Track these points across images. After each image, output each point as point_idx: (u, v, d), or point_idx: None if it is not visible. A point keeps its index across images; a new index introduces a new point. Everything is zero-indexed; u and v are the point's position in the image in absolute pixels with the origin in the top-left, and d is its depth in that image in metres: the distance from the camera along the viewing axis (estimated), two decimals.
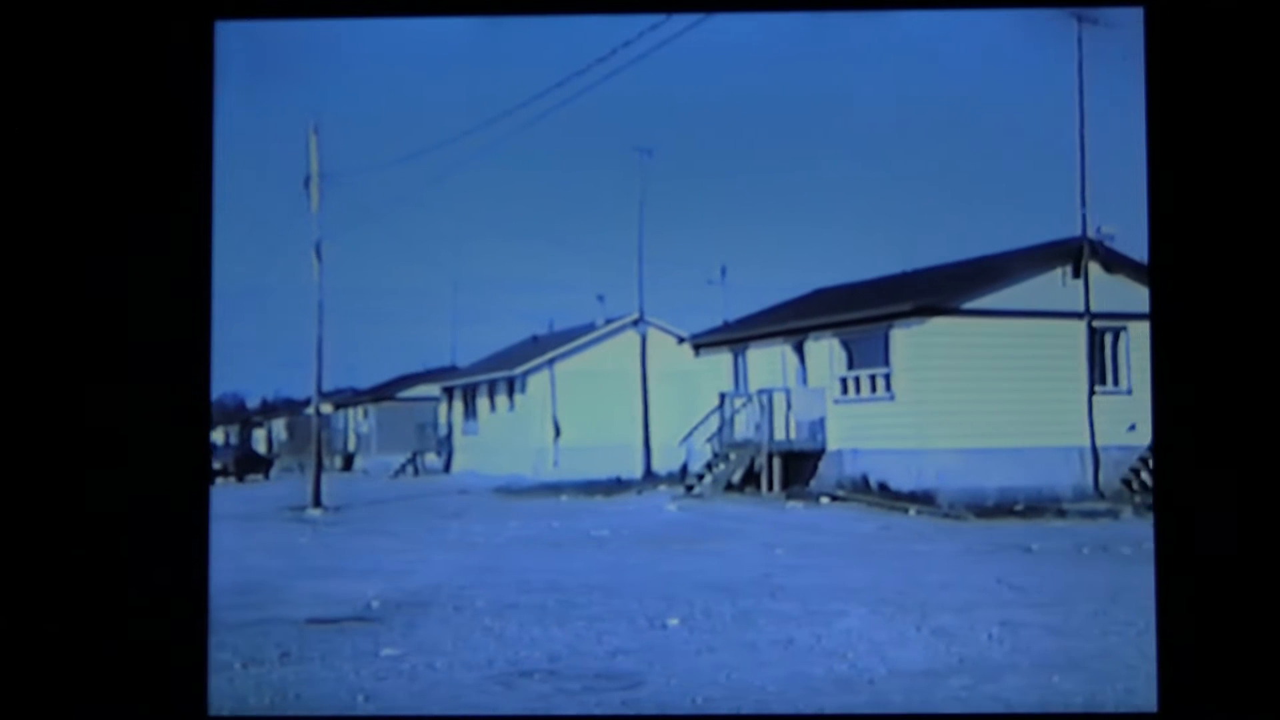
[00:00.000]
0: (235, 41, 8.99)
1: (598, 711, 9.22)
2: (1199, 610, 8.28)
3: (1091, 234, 23.32)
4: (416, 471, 32.29)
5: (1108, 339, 23.77)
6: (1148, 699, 9.15)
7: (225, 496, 19.20)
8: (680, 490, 25.09)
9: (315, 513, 22.36)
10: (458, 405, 32.59)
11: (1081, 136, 22.54)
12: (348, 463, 34.04)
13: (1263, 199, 8.41)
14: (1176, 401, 8.43)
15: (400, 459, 32.51)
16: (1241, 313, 8.39)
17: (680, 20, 16.26)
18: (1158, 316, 8.54)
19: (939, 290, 23.84)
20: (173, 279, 8.77)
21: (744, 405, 25.54)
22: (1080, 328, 23.37)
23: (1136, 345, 23.75)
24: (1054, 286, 23.47)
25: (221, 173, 8.90)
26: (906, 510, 21.32)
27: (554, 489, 26.09)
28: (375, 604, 12.87)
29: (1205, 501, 8.32)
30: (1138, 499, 22.03)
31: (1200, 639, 8.27)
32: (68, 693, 8.55)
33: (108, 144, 8.76)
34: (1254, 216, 8.41)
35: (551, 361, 29.66)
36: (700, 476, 25.24)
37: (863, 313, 24.29)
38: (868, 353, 24.30)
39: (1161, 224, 8.55)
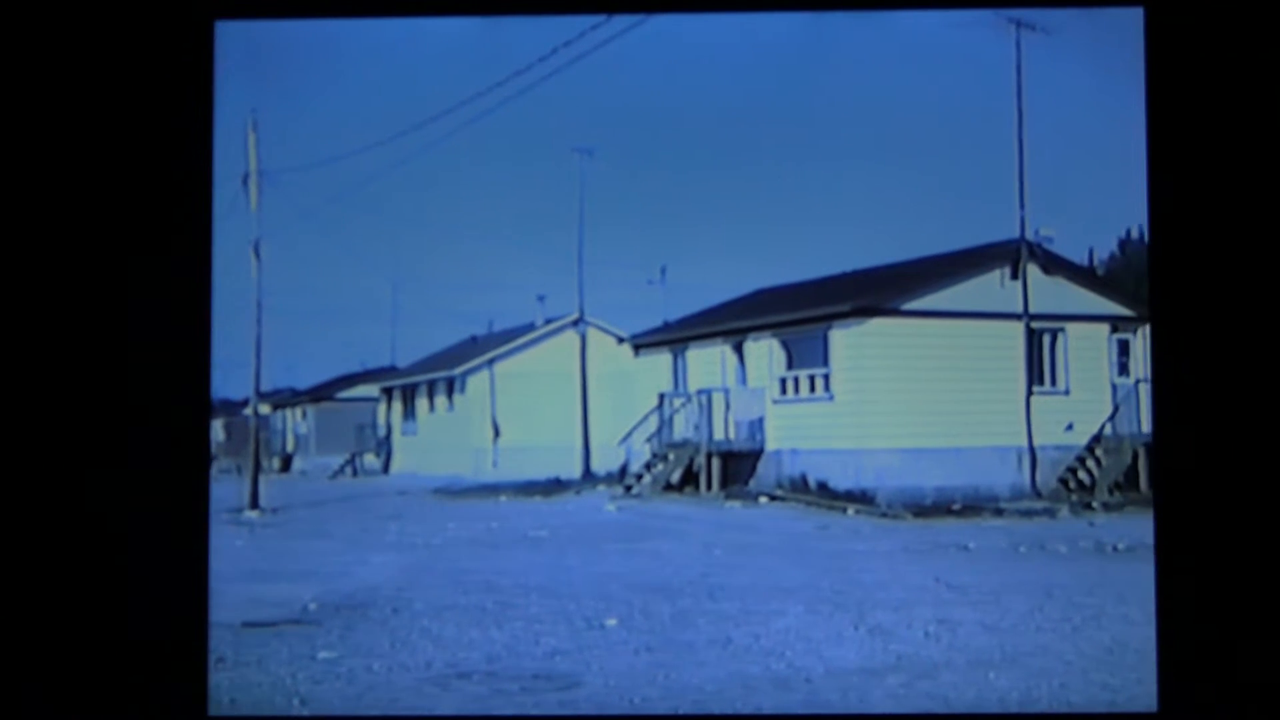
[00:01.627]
0: (235, 41, 8.95)
1: (535, 712, 9.20)
2: (1199, 610, 8.33)
3: (1030, 236, 23.50)
4: (355, 472, 32.13)
5: (1045, 340, 23.97)
6: (1084, 695, 9.24)
7: None
8: (619, 490, 25.08)
9: (253, 515, 22.16)
10: (397, 406, 32.45)
11: (1020, 139, 22.72)
12: (286, 464, 33.82)
13: (1263, 198, 8.48)
14: (1176, 400, 8.48)
15: (339, 460, 32.33)
16: (1241, 311, 8.44)
17: (621, 20, 16.23)
18: (1158, 315, 8.59)
19: (878, 291, 23.94)
20: (173, 280, 8.74)
21: (683, 405, 25.56)
22: (1018, 329, 23.54)
23: (1074, 346, 23.98)
24: (992, 288, 23.62)
25: (220, 171, 8.90)
26: (845, 510, 21.40)
27: (493, 490, 26.01)
28: (313, 607, 12.77)
29: (1205, 500, 8.37)
30: (1074, 498, 22.24)
31: (1200, 639, 8.31)
32: (68, 693, 8.50)
33: (107, 144, 8.71)
34: (1254, 215, 8.48)
35: (491, 362, 29.59)
36: (639, 477, 25.23)
37: (802, 313, 24.36)
38: (807, 353, 24.36)
39: (1161, 223, 8.60)
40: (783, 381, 24.79)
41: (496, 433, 29.12)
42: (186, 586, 8.71)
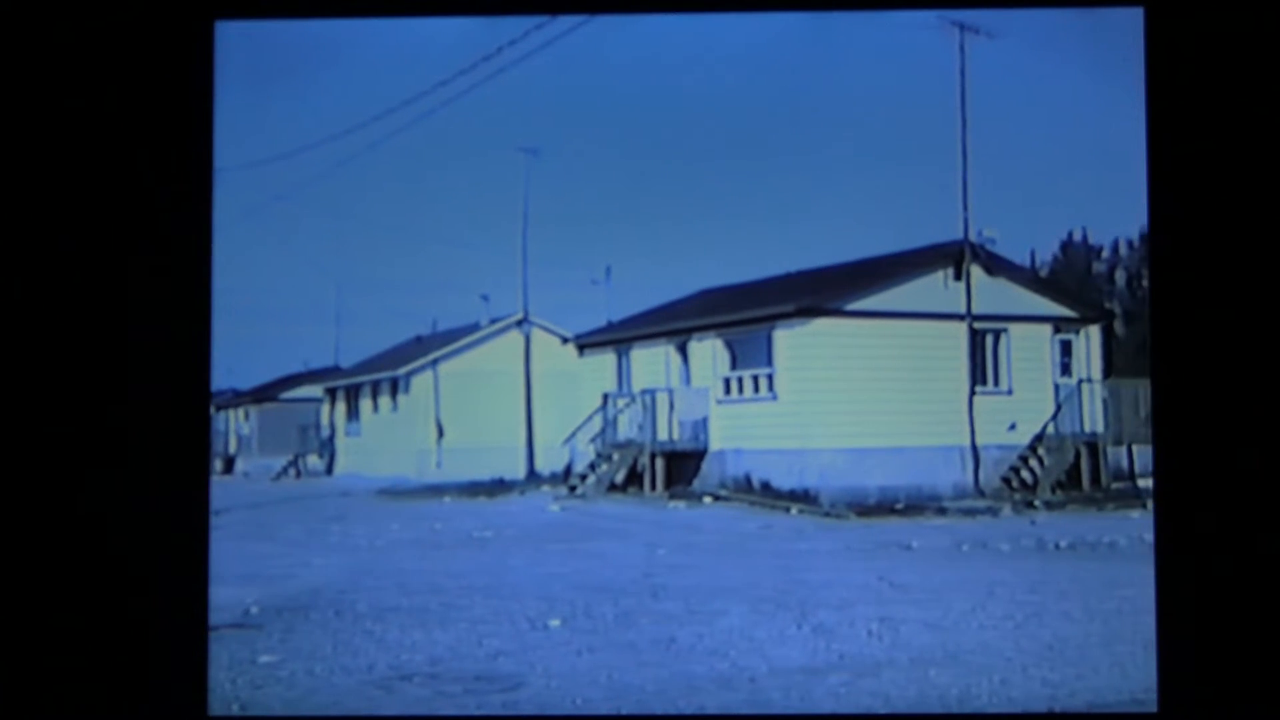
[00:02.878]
0: (235, 41, 8.90)
1: (478, 713, 9.16)
2: (1199, 610, 8.35)
3: (973, 237, 23.64)
4: (299, 474, 31.90)
5: (988, 340, 24.11)
6: (1024, 691, 9.29)
7: None
8: (563, 491, 25.05)
9: None
10: (340, 406, 32.24)
11: (964, 141, 22.85)
12: (228, 465, 33.54)
13: (1263, 198, 8.52)
14: (1176, 399, 8.50)
15: (282, 461, 32.08)
16: (1241, 311, 8.48)
17: (566, 20, 16.20)
18: (1158, 316, 8.62)
19: (822, 291, 24.01)
20: (173, 279, 8.69)
21: (627, 405, 25.55)
22: (961, 329, 23.67)
23: (1017, 347, 24.14)
24: (936, 288, 23.74)
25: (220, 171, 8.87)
26: (788, 509, 21.45)
27: (437, 490, 25.88)
28: (254, 610, 12.66)
29: (1205, 500, 8.39)
30: (1017, 497, 22.39)
31: (1200, 638, 8.34)
32: (67, 692, 8.43)
33: (107, 144, 8.64)
34: (1253, 215, 8.52)
35: (435, 362, 29.46)
36: (583, 477, 25.21)
37: (746, 313, 24.39)
38: (751, 353, 24.41)
39: (1161, 224, 8.63)
40: (726, 382, 24.82)
41: (440, 433, 29.00)
42: (186, 586, 8.68)
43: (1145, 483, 21.18)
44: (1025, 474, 23.35)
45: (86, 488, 8.53)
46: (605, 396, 25.94)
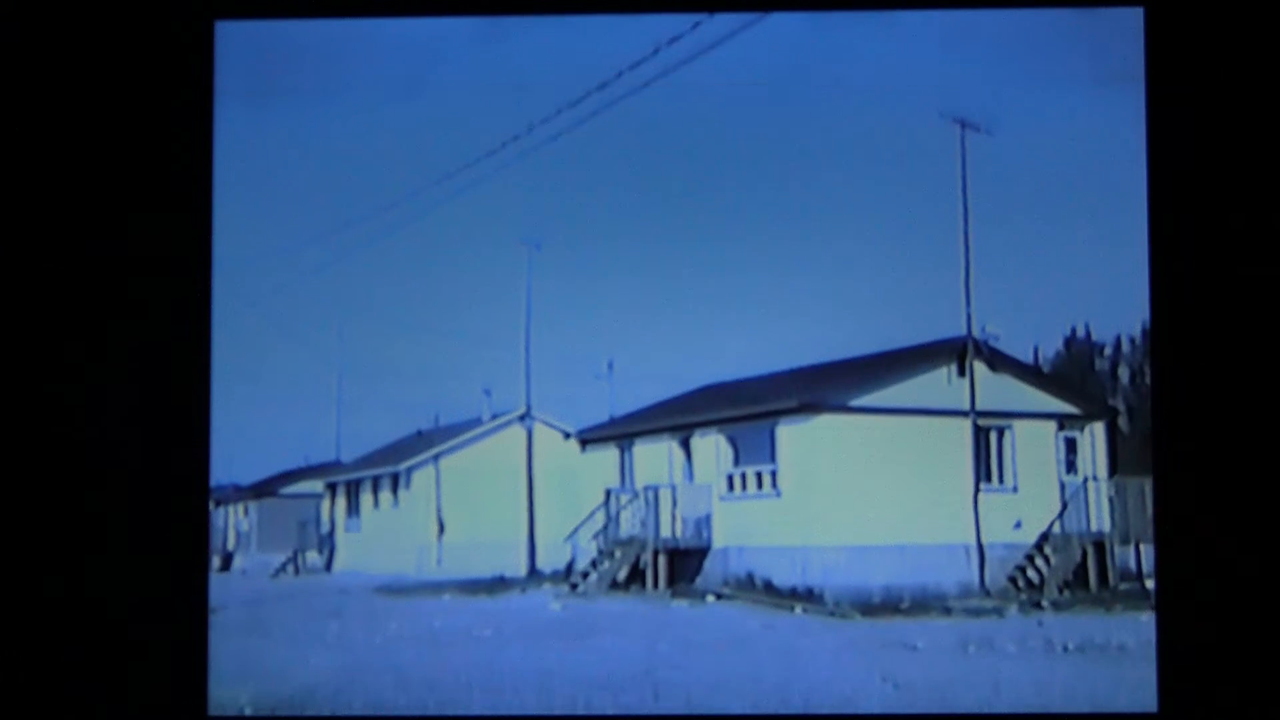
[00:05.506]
0: (235, 42, 8.94)
1: None
2: (1199, 610, 8.27)
3: (976, 333, 23.62)
4: (297, 570, 31.67)
5: (992, 437, 24.01)
6: None
7: None
8: (565, 589, 24.87)
9: None
10: (341, 501, 32.09)
11: (966, 236, 22.88)
12: (226, 562, 33.32)
13: (1261, 298, 8.49)
14: (1175, 398, 8.43)
15: (281, 558, 31.86)
16: (1242, 408, 8.43)
17: (567, 117, 16.42)
18: (1158, 336, 8.56)
19: (825, 387, 23.96)
20: (172, 285, 8.71)
21: (630, 502, 25.42)
22: (965, 426, 23.59)
23: (1021, 443, 24.03)
24: (939, 384, 23.70)
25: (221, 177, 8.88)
26: (792, 608, 21.27)
27: (436, 588, 25.73)
28: (248, 710, 12.50)
29: (1207, 593, 8.33)
30: (1023, 596, 22.18)
31: (1200, 639, 8.25)
32: (68, 693, 8.33)
33: (107, 144, 8.68)
34: (1251, 316, 8.48)
35: (436, 457, 29.36)
36: (585, 574, 25.02)
37: (749, 409, 24.33)
38: (754, 449, 24.32)
39: (1161, 226, 8.59)
40: (730, 478, 24.72)
41: (441, 529, 28.85)
42: (184, 684, 8.62)
43: (1153, 583, 20.99)
44: (1031, 573, 23.15)
45: (86, 585, 8.48)
46: (608, 492, 25.83)
